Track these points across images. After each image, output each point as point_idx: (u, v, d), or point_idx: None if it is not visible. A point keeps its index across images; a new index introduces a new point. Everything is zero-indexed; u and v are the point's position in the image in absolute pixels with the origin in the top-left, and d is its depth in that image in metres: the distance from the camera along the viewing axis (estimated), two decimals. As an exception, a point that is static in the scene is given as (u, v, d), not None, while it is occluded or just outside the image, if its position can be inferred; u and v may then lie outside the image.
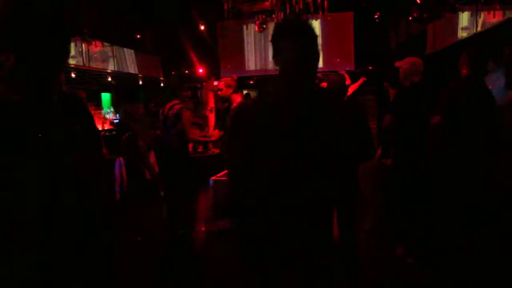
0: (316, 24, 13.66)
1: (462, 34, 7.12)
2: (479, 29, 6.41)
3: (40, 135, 0.84)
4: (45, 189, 0.93)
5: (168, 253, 4.47)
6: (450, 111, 3.27)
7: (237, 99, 5.02)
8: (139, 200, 6.28)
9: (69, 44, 1.09)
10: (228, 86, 4.99)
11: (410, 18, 9.43)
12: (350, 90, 5.27)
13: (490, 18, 6.41)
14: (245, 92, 14.03)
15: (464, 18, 7.12)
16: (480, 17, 6.51)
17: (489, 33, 6.07)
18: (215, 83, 12.39)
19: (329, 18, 12.39)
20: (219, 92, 5.38)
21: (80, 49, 8.61)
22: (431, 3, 7.84)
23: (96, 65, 9.23)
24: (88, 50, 8.63)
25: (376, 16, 11.96)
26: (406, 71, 4.03)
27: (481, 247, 3.16)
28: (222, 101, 5.43)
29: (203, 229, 5.34)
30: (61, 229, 0.96)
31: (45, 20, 0.99)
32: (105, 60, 9.75)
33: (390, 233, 4.26)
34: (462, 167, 3.20)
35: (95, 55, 9.14)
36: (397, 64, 4.15)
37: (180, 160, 5.14)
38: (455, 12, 7.22)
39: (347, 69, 13.10)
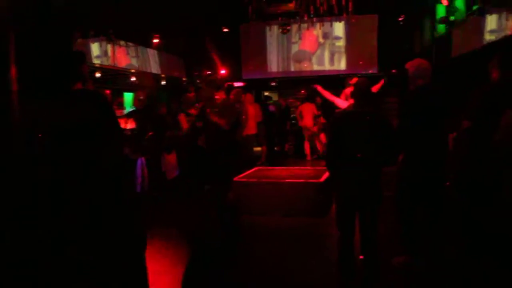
0: (340, 26, 13.60)
1: (489, 37, 6.97)
2: (508, 32, 6.26)
3: (40, 135, 0.84)
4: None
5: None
6: (480, 115, 3.19)
7: (221, 96, 4.72)
8: (160, 200, 6.32)
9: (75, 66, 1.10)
10: (208, 84, 4.76)
11: (436, 21, 9.31)
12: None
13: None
14: (265, 93, 13.99)
15: (491, 21, 6.97)
16: (509, 20, 6.36)
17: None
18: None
19: (353, 20, 12.27)
20: (200, 91, 5.08)
21: (105, 49, 8.71)
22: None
23: (119, 64, 9.35)
24: (114, 50, 8.74)
25: (400, 19, 11.84)
26: (411, 74, 3.82)
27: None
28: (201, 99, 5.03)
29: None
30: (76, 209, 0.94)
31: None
32: (128, 60, 9.86)
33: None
34: (492, 174, 3.10)
35: (119, 55, 9.24)
36: (407, 65, 3.92)
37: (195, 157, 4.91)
38: (483, 14, 7.07)
39: (370, 72, 13.02)
